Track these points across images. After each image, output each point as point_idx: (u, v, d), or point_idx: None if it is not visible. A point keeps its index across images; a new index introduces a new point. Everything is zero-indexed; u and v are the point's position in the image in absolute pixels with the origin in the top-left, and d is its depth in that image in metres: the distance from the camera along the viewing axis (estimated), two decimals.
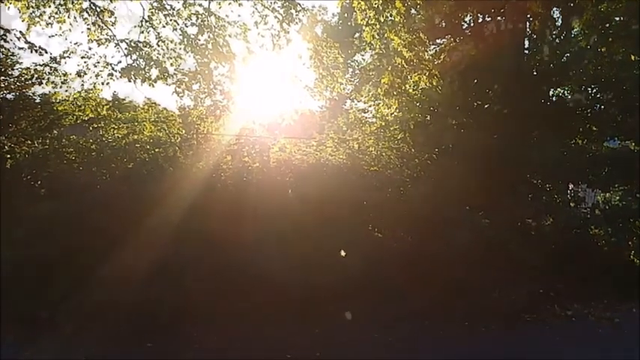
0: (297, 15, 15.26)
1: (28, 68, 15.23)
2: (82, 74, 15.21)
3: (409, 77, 16.86)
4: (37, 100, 15.71)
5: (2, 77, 15.32)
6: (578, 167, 14.91)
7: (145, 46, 15.08)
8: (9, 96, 15.15)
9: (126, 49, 14.90)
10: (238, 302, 10.22)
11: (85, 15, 15.67)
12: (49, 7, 15.56)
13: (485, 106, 16.73)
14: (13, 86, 15.27)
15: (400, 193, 13.37)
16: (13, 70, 15.45)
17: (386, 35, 16.50)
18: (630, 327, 11.04)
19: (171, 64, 15.18)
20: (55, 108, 15.65)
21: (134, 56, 14.84)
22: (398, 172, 13.90)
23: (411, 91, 17.10)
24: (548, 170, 14.42)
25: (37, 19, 15.43)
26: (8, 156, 12.79)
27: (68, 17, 15.68)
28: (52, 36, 15.58)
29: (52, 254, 10.27)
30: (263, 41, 15.45)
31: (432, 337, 10.36)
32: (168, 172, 12.28)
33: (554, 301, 12.06)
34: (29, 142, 13.53)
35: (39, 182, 12.38)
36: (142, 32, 15.49)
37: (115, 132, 14.61)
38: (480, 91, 16.85)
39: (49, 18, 15.44)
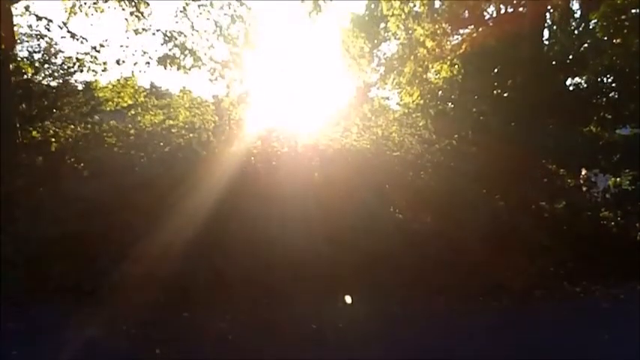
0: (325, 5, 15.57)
1: (70, 57, 15.69)
2: (120, 62, 15.64)
3: (431, 66, 17.20)
4: (79, 87, 16.19)
5: (46, 65, 15.83)
6: (591, 153, 15.07)
7: (180, 36, 15.45)
8: (53, 83, 15.63)
9: (162, 38, 15.28)
10: (267, 277, 10.56)
11: (123, 5, 16.07)
12: None
13: (505, 94, 16.90)
14: (56, 74, 15.76)
15: (421, 177, 13.58)
16: (56, 58, 15.94)
17: (410, 26, 16.82)
18: (632, 303, 11.38)
19: (205, 53, 15.56)
20: (95, 95, 16.14)
21: (170, 45, 15.22)
22: (419, 157, 14.06)
23: (432, 79, 17.42)
24: (563, 156, 14.53)
25: (77, 9, 15.86)
26: (53, 139, 13.21)
27: (107, 7, 16.14)
28: (92, 25, 15.99)
29: (95, 231, 10.74)
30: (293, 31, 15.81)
31: (448, 311, 10.67)
32: (201, 155, 12.54)
33: (564, 278, 12.36)
34: (72, 126, 13.92)
35: (82, 164, 12.67)
36: (177, 22, 15.85)
37: (152, 118, 15.01)
38: (499, 81, 17.00)
39: (89, 8, 15.85)
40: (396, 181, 12.91)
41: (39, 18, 14.84)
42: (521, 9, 19.80)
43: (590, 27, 17.78)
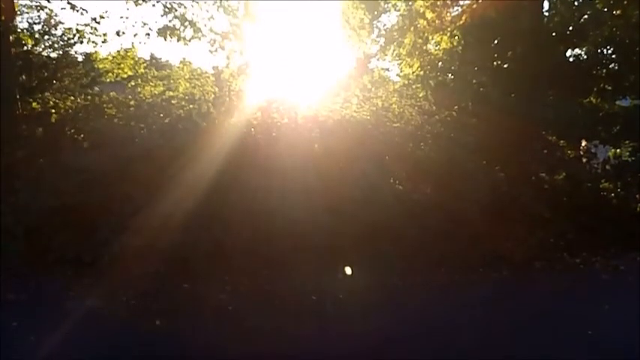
0: None
1: (70, 28, 15.54)
2: (120, 34, 15.51)
3: (431, 38, 17.02)
4: (79, 59, 16.05)
5: (46, 36, 15.67)
6: (591, 125, 14.93)
7: (180, 7, 15.30)
8: (53, 54, 15.49)
9: (162, 9, 15.12)
10: (267, 248, 10.46)
11: None
12: None
13: (505, 66, 16.76)
14: (56, 45, 15.61)
15: (421, 148, 13.38)
16: (56, 29, 15.79)
17: None
18: (632, 274, 11.28)
19: (205, 25, 15.41)
20: (95, 66, 16.00)
21: (170, 16, 15.07)
22: (419, 128, 13.90)
23: (432, 51, 17.25)
24: (562, 127, 14.40)
25: None
26: (53, 111, 13.10)
27: None
28: None
29: (95, 202, 10.63)
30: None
31: (448, 282, 10.63)
32: (201, 127, 12.40)
33: (564, 249, 12.26)
34: (72, 97, 13.80)
35: (82, 136, 12.58)
36: None
37: (152, 89, 14.88)
38: (499, 52, 16.86)
39: None
40: (396, 153, 12.75)
41: None
42: None
43: None
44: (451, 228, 11.49)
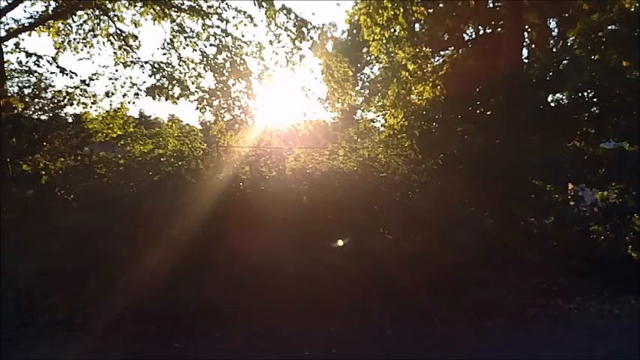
0: (308, 33, 15.35)
1: (60, 91, 15.40)
2: (110, 94, 15.45)
3: (414, 88, 16.94)
4: (69, 120, 15.87)
5: (37, 100, 15.47)
6: (577, 168, 14.84)
7: (168, 67, 15.22)
8: (43, 117, 15.29)
9: (150, 70, 15.02)
10: (256, 303, 10.23)
11: (112, 40, 15.87)
12: (79, 34, 15.78)
13: (488, 113, 16.68)
14: (46, 107, 15.41)
15: (409, 197, 13.28)
16: (46, 92, 15.60)
17: (391, 49, 16.59)
18: (628, 317, 11.02)
19: (193, 83, 15.33)
20: (85, 127, 15.78)
21: (158, 76, 15.01)
22: (406, 177, 13.76)
23: (416, 101, 17.14)
24: (548, 172, 14.31)
25: (66, 45, 15.64)
26: (43, 172, 12.87)
27: (97, 42, 15.92)
28: (81, 59, 15.80)
29: (84, 263, 10.33)
30: (277, 58, 15.58)
31: (442, 332, 10.29)
32: (190, 183, 12.27)
33: (557, 295, 11.97)
34: (62, 159, 13.60)
35: (71, 196, 12.35)
36: (165, 54, 15.65)
37: (141, 147, 14.68)
38: (482, 99, 16.81)
39: (78, 43, 15.66)
40: (385, 202, 12.57)
41: (29, 54, 14.69)
42: (499, 29, 19.68)
43: (568, 44, 17.61)
44: (442, 276, 11.19)
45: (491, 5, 19.92)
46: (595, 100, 15.99)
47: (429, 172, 14.12)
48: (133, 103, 15.70)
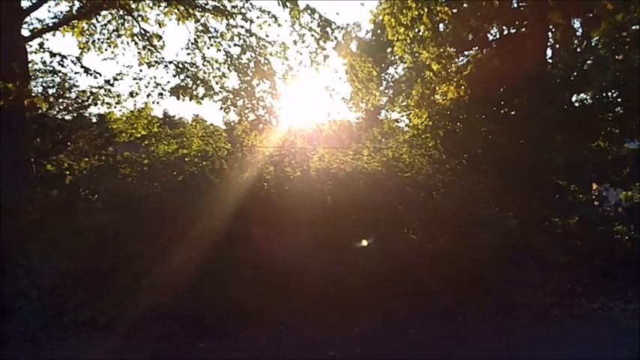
0: (332, 33, 15.17)
1: (84, 91, 15.34)
2: (134, 94, 15.33)
3: (438, 88, 16.75)
4: (94, 120, 15.83)
5: (61, 100, 15.44)
6: (601, 168, 14.73)
7: (192, 67, 15.10)
8: (67, 117, 15.27)
9: (174, 70, 14.91)
10: (280, 303, 10.11)
11: (136, 40, 15.79)
12: (103, 34, 15.70)
13: (512, 113, 16.52)
14: (71, 107, 15.38)
15: (433, 197, 13.14)
16: (70, 92, 15.57)
17: (415, 49, 16.42)
18: None
19: (217, 83, 15.19)
20: (109, 127, 15.74)
21: (182, 76, 14.86)
22: (430, 177, 13.64)
23: (440, 101, 16.97)
24: (573, 172, 14.18)
25: (90, 45, 15.57)
26: (67, 172, 12.83)
27: (121, 42, 15.85)
28: (106, 59, 15.73)
29: (108, 263, 10.24)
30: (301, 58, 15.42)
31: (467, 331, 10.12)
32: (215, 183, 12.16)
33: (582, 295, 11.77)
34: (86, 159, 13.56)
35: (96, 196, 12.22)
36: (189, 54, 15.54)
37: (166, 147, 14.58)
38: (506, 100, 16.66)
39: (102, 43, 15.59)
40: (409, 202, 12.43)
41: (53, 54, 14.52)
42: (523, 29, 19.46)
43: (592, 44, 17.38)
44: (467, 276, 11.05)
45: (515, 5, 19.70)
46: (619, 100, 15.81)
47: (453, 172, 14.01)
48: (157, 103, 15.55)
